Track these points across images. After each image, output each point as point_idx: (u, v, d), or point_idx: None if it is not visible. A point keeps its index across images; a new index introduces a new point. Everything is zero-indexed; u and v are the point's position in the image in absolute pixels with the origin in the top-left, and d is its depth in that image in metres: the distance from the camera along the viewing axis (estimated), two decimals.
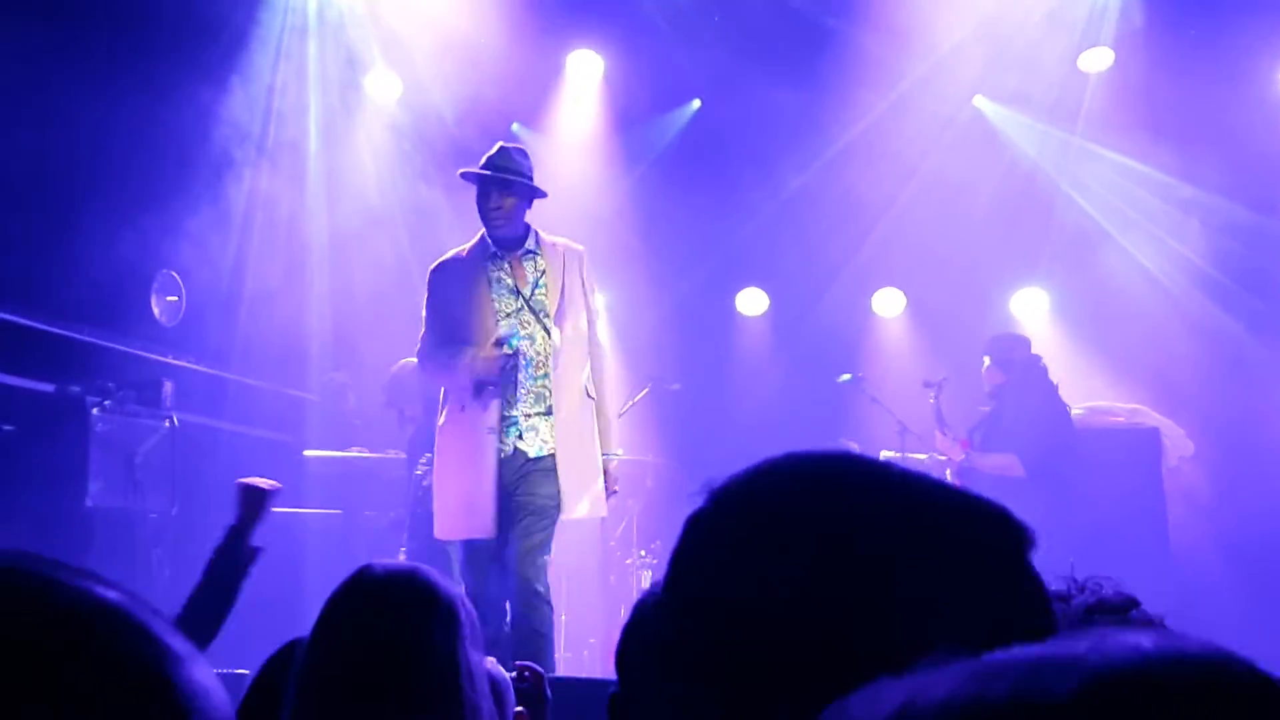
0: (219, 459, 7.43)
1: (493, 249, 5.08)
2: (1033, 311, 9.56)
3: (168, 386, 7.09)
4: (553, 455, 5.03)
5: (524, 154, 5.17)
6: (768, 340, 10.31)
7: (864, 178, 9.44)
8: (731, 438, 8.19)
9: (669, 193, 9.58)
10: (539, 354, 5.01)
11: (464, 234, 5.60)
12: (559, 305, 5.03)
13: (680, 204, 9.50)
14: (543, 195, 5.15)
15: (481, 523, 4.95)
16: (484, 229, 5.13)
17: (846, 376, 8.00)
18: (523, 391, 5.00)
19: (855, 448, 7.39)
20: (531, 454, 5.00)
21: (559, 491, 5.02)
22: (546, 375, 5.00)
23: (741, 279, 10.33)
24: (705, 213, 9.61)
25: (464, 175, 5.18)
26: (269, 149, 8.75)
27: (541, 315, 5.00)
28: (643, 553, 8.03)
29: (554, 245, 5.16)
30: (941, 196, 9.28)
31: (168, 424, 7.03)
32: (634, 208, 9.77)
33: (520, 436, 5.02)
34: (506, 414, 5.00)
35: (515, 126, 9.61)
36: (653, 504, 8.31)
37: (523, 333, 4.97)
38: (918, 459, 7.75)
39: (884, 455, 7.80)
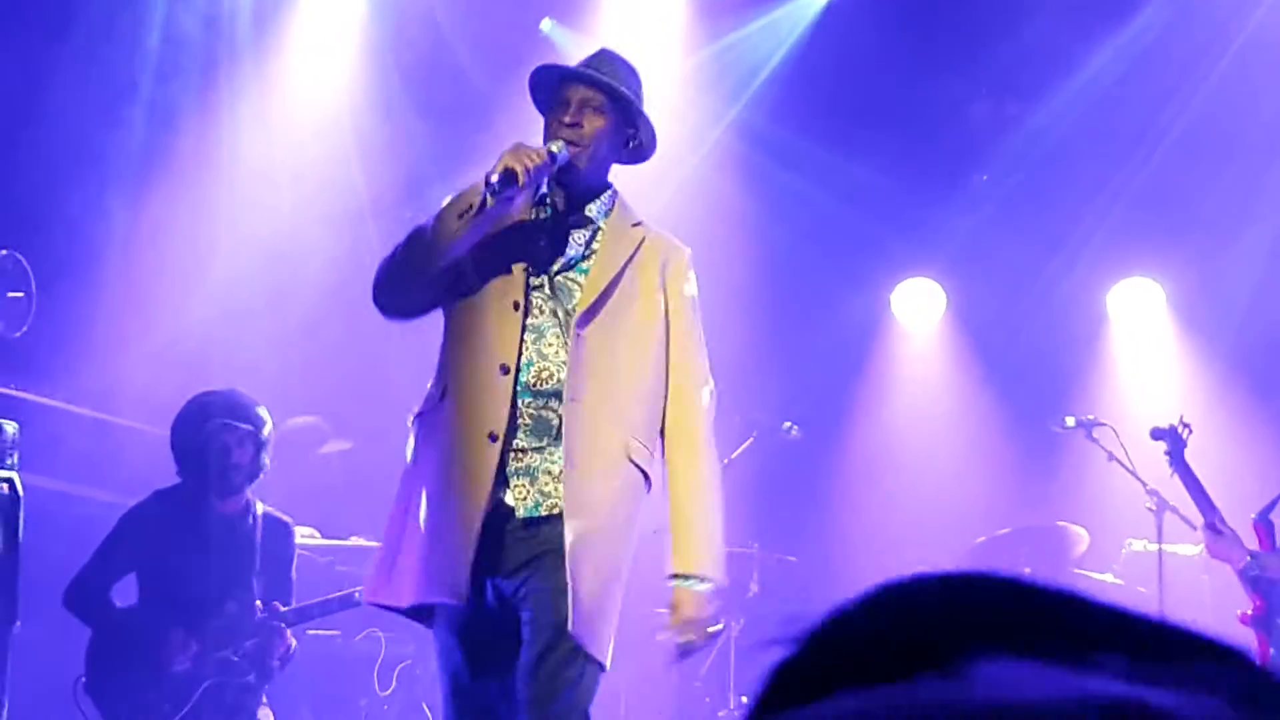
0: (92, 545, 5.29)
1: (543, 187, 3.61)
2: None
3: (7, 432, 4.82)
4: (562, 517, 3.43)
5: (636, 74, 3.67)
6: (942, 360, 8.42)
7: (1111, 114, 7.30)
8: (886, 515, 6.84)
9: (782, 132, 7.47)
10: (545, 368, 3.49)
11: None
12: (594, 304, 3.54)
13: (800, 148, 7.46)
14: (649, 150, 3.68)
15: (446, 579, 3.40)
16: None
17: (1071, 421, 6.11)
18: (517, 413, 3.47)
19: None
20: (521, 513, 3.44)
21: (582, 573, 3.39)
22: (555, 397, 3.47)
23: (901, 265, 8.30)
24: (840, 163, 7.42)
25: (536, 75, 3.64)
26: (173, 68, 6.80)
27: (566, 308, 3.54)
28: (745, 699, 6.23)
29: (636, 228, 3.66)
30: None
31: (4, 489, 4.74)
32: (728, 159, 7.60)
33: (505, 484, 3.46)
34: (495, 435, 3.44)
35: (546, 25, 7.34)
36: (761, 622, 6.52)
37: (530, 320, 3.51)
38: (1184, 555, 6.24)
39: (1130, 548, 6.38)
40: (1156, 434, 5.57)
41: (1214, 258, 7.93)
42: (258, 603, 5.17)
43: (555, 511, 3.42)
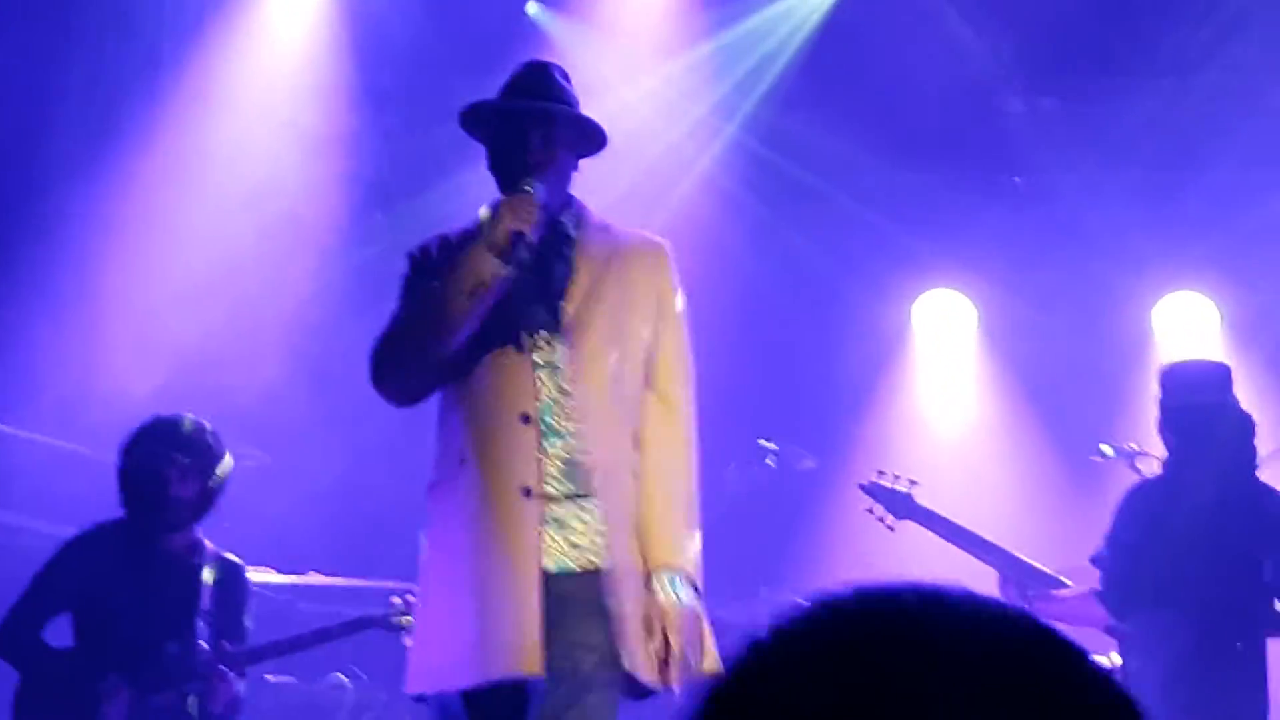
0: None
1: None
2: None
3: None
4: (596, 574, 3.38)
5: (567, 76, 3.70)
6: (970, 379, 8.08)
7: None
8: (907, 551, 6.03)
9: (797, 127, 7.09)
10: (562, 396, 3.46)
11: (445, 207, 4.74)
12: (579, 316, 3.53)
13: (815, 144, 7.05)
14: (603, 144, 3.67)
15: (516, 655, 3.28)
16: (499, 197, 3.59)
17: (1109, 450, 5.67)
18: (545, 458, 3.42)
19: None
20: (551, 567, 3.36)
21: (611, 638, 3.35)
22: (583, 434, 3.43)
23: (925, 273, 7.91)
24: (860, 156, 7.04)
25: (473, 111, 3.64)
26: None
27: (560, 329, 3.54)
28: None
29: (605, 230, 3.67)
30: None
31: None
32: (736, 153, 7.22)
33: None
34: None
35: (532, 8, 6.89)
36: None
37: (539, 357, 3.45)
38: None
39: None
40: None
41: (1274, 273, 7.55)
42: (201, 643, 4.74)
43: (590, 567, 3.38)
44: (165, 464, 4.71)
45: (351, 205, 6.90)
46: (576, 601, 3.35)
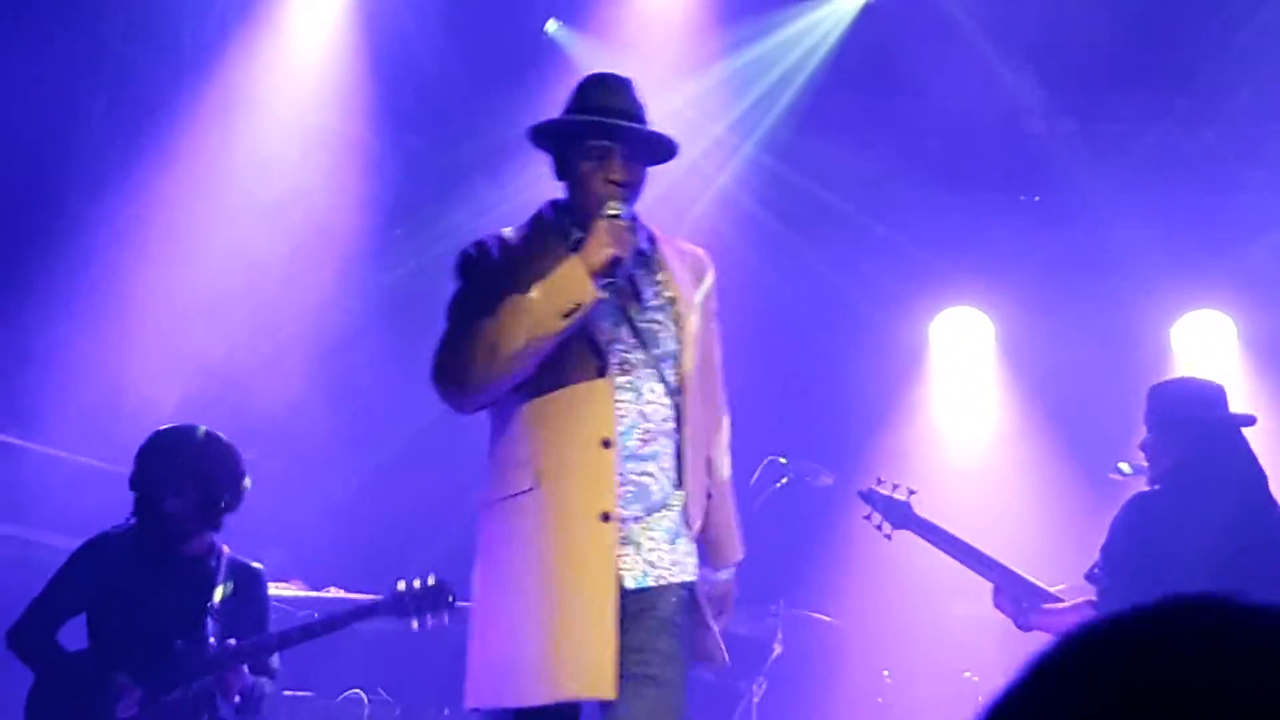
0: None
1: (579, 237, 3.44)
2: None
3: None
4: (670, 588, 3.39)
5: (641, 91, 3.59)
6: (988, 397, 7.95)
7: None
8: (925, 569, 6.15)
9: (814, 144, 7.01)
10: (648, 430, 3.39)
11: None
12: (685, 339, 3.46)
13: (833, 161, 7.00)
14: (670, 158, 3.57)
15: (590, 677, 3.27)
16: (559, 208, 3.54)
17: (1127, 467, 5.53)
18: (623, 481, 3.36)
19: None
20: (630, 584, 3.35)
21: (685, 643, 3.43)
22: (653, 460, 3.39)
23: (944, 291, 7.81)
24: (878, 174, 7.05)
25: (556, 125, 3.52)
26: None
27: (657, 353, 3.43)
28: None
29: (674, 245, 3.62)
30: None
31: None
32: (754, 171, 7.18)
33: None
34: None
35: (552, 26, 6.79)
36: (784, 687, 6.19)
37: (622, 380, 3.37)
38: None
39: None
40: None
41: None
42: (211, 640, 4.67)
43: (662, 582, 3.39)
44: (160, 481, 4.70)
45: (373, 221, 6.83)
46: (655, 614, 3.36)
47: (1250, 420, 5.03)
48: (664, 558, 3.39)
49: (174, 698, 4.58)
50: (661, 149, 3.51)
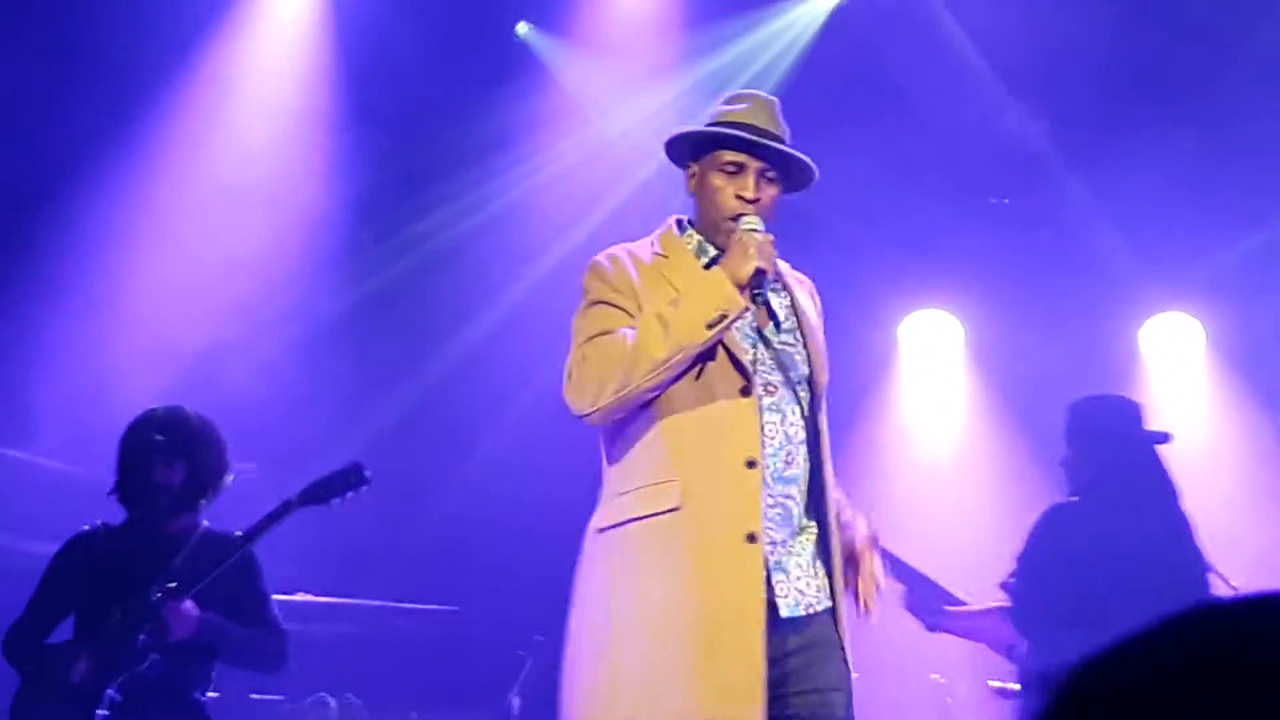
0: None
1: (714, 256, 3.41)
2: None
3: None
4: (825, 614, 3.32)
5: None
6: (957, 400, 7.93)
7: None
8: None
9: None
10: (791, 452, 3.34)
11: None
12: (815, 363, 3.45)
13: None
14: (804, 186, 3.56)
15: (739, 704, 3.17)
16: (686, 225, 3.47)
17: None
18: (768, 502, 3.28)
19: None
20: (784, 612, 3.27)
21: (849, 671, 3.34)
22: (794, 483, 3.33)
23: (913, 293, 7.88)
24: (848, 176, 6.61)
25: (701, 134, 3.41)
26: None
27: (793, 375, 3.40)
28: None
29: (791, 271, 3.59)
30: None
31: None
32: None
33: (767, 583, 3.28)
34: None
35: (522, 29, 6.60)
36: None
37: (767, 400, 3.33)
38: None
39: None
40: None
41: (1260, 293, 7.46)
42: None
43: (812, 612, 3.31)
44: (148, 449, 4.62)
45: (345, 223, 6.78)
46: (818, 645, 3.30)
47: (1166, 438, 5.07)
48: (810, 584, 3.33)
49: (119, 654, 4.48)
50: (798, 173, 3.45)
